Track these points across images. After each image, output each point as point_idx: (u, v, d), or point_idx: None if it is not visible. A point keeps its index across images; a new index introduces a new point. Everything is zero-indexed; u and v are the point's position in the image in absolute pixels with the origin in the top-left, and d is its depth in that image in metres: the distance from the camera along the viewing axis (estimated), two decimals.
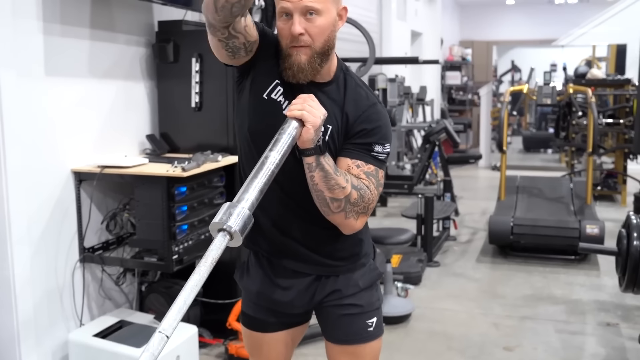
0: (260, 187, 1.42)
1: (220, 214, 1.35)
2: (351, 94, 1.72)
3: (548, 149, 11.96)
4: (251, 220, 1.37)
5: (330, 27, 1.63)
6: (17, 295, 2.76)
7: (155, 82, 3.58)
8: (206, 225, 3.24)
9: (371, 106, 1.71)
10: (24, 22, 2.73)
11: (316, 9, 1.58)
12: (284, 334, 1.91)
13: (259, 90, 1.69)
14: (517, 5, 14.73)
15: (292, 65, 1.63)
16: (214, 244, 1.32)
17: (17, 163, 2.72)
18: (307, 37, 1.60)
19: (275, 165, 1.47)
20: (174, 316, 1.23)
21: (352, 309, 1.83)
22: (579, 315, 4.11)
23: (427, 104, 9.43)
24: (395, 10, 8.70)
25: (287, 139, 1.50)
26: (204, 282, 1.28)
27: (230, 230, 1.32)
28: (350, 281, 1.84)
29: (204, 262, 1.28)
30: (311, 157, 1.58)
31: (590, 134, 5.85)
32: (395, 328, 3.88)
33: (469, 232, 6.34)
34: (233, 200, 1.38)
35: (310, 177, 1.61)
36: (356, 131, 1.69)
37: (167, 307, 3.28)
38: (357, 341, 1.84)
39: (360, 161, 1.68)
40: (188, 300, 1.25)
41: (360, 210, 1.67)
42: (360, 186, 1.66)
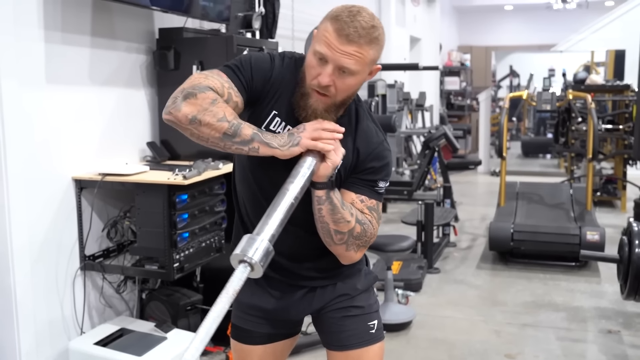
0: (280, 219, 1.43)
1: (241, 246, 1.36)
2: (362, 129, 1.71)
3: (547, 154, 11.96)
4: (271, 252, 1.38)
5: (358, 85, 1.62)
6: (17, 303, 2.76)
7: (156, 89, 3.58)
8: (207, 232, 3.23)
9: (380, 144, 1.72)
10: (25, 30, 2.73)
11: (351, 71, 1.56)
12: (274, 346, 1.91)
13: (257, 122, 1.64)
14: (516, 11, 14.76)
15: (308, 108, 1.61)
16: (235, 275, 1.33)
17: (18, 170, 2.71)
18: (333, 89, 1.58)
19: (295, 199, 1.48)
20: (197, 346, 1.24)
21: (353, 310, 1.84)
22: (580, 323, 4.11)
23: (426, 109, 9.45)
24: (394, 16, 8.71)
25: (307, 172, 1.51)
26: (225, 313, 1.29)
27: (251, 261, 1.34)
28: (348, 286, 1.85)
29: (226, 293, 1.30)
30: (322, 190, 1.59)
31: (590, 140, 5.85)
32: (397, 335, 3.87)
33: (469, 238, 6.33)
34: (253, 232, 1.40)
35: (318, 210, 1.62)
36: (365, 167, 1.69)
37: (167, 314, 3.30)
38: (361, 345, 1.83)
39: (364, 196, 1.70)
40: (210, 330, 1.26)
41: (361, 243, 1.70)
42: (364, 221, 1.67)
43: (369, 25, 1.54)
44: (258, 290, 1.83)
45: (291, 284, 1.82)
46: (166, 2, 3.33)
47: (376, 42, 1.57)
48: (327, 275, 1.82)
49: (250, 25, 3.94)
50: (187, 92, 1.53)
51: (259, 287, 1.82)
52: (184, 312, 3.32)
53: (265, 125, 1.65)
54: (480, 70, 14.35)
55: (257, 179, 1.73)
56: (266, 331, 1.88)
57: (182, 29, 3.49)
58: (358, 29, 1.52)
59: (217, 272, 3.57)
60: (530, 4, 13.37)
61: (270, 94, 1.65)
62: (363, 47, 1.54)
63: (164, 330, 3.07)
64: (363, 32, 1.53)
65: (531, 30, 14.82)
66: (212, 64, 3.38)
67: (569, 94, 6.64)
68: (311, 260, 1.80)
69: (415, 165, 7.74)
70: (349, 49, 1.53)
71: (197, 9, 3.54)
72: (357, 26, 1.52)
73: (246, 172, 1.75)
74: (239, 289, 1.32)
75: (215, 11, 3.67)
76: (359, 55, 1.54)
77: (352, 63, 1.54)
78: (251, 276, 1.36)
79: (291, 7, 5.30)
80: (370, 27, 1.54)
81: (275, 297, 1.83)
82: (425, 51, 10.72)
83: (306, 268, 1.80)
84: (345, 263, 1.77)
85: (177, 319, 3.28)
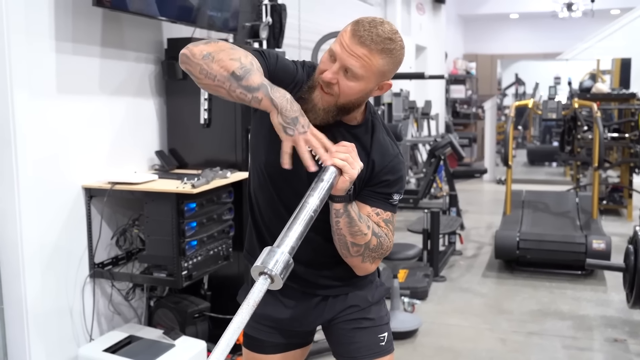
0: (300, 232, 1.44)
1: (262, 258, 1.37)
2: (378, 141, 1.72)
3: (553, 162, 11.96)
4: (291, 264, 1.40)
5: (361, 93, 1.61)
6: (28, 310, 2.79)
7: (165, 98, 3.62)
8: (215, 240, 3.26)
9: (395, 157, 1.73)
10: (37, 41, 2.77)
11: (355, 74, 1.55)
12: (286, 355, 1.91)
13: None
14: (521, 19, 14.79)
15: (309, 102, 1.61)
16: (256, 287, 1.35)
17: (29, 179, 2.75)
18: (336, 88, 1.57)
19: (315, 212, 1.48)
20: (218, 357, 1.25)
21: (363, 322, 1.84)
22: (586, 331, 4.11)
23: (432, 118, 9.47)
24: (400, 25, 8.75)
25: (327, 186, 1.52)
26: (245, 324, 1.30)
27: (271, 273, 1.36)
28: (359, 297, 1.85)
29: (246, 305, 1.31)
30: (340, 204, 1.60)
31: (595, 148, 5.86)
32: (403, 343, 3.88)
33: (475, 246, 6.34)
34: (274, 244, 1.41)
35: (336, 222, 1.63)
36: (380, 180, 1.70)
37: (175, 322, 3.32)
38: (370, 357, 1.83)
39: (380, 209, 1.70)
40: (231, 342, 1.27)
41: (377, 255, 1.71)
42: (380, 234, 1.68)
43: (386, 36, 1.55)
44: (271, 300, 1.83)
45: (305, 292, 1.83)
46: (174, 12, 3.37)
47: (388, 54, 1.56)
48: (342, 283, 1.83)
49: (258, 35, 3.98)
50: (211, 40, 1.56)
51: (272, 297, 1.82)
52: (192, 319, 3.34)
53: None
54: (485, 79, 14.38)
55: (275, 186, 1.73)
56: (278, 341, 1.89)
57: (190, 39, 3.53)
58: (373, 35, 1.53)
59: (224, 280, 3.60)
60: (536, 13, 13.40)
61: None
62: (373, 53, 1.54)
63: (172, 338, 3.10)
64: (378, 39, 1.54)
65: (537, 39, 14.84)
66: None
67: (574, 102, 6.66)
68: (327, 267, 1.81)
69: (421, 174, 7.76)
70: (359, 51, 1.53)
71: (204, 19, 3.58)
72: (373, 32, 1.54)
73: (264, 179, 1.75)
74: (259, 300, 1.33)
75: (223, 21, 3.71)
76: (366, 59, 1.54)
77: (358, 66, 1.54)
78: (271, 288, 1.37)
79: (298, 16, 5.35)
80: (386, 37, 1.55)
81: (288, 307, 1.84)
82: (430, 59, 10.76)
83: (322, 276, 1.81)
84: (360, 274, 1.78)
85: (185, 327, 3.30)
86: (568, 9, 12.03)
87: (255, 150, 1.77)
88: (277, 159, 1.61)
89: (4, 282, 2.78)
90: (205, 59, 1.49)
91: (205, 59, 1.49)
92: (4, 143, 2.69)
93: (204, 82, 1.52)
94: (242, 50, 1.54)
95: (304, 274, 1.79)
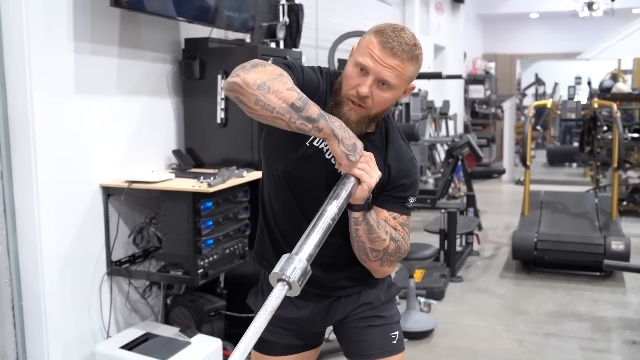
0: (318, 240, 1.46)
1: (280, 265, 1.39)
2: (393, 146, 1.74)
3: (573, 162, 11.86)
4: (309, 271, 1.41)
5: (393, 101, 1.64)
6: (46, 308, 2.83)
7: (182, 98, 3.65)
8: (231, 239, 3.28)
9: (410, 160, 1.75)
10: (55, 42, 2.80)
11: (391, 84, 1.57)
12: (295, 357, 1.92)
13: (302, 135, 1.58)
14: (541, 19, 14.67)
15: (341, 117, 1.59)
16: (274, 293, 1.37)
17: (47, 178, 2.79)
18: (369, 101, 1.59)
19: (333, 220, 1.50)
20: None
21: (375, 320, 1.85)
22: (604, 333, 4.08)
23: (450, 118, 9.43)
24: (418, 25, 8.73)
25: (345, 194, 1.53)
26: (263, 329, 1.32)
27: (289, 280, 1.37)
28: (371, 295, 1.86)
29: (264, 311, 1.33)
30: (359, 212, 1.62)
31: (615, 149, 5.81)
32: (419, 343, 3.88)
33: (493, 247, 6.31)
34: (292, 251, 1.43)
35: (355, 230, 1.65)
36: (396, 185, 1.72)
37: (191, 320, 3.35)
38: (382, 355, 1.83)
39: (396, 213, 1.73)
40: (249, 346, 1.29)
41: (394, 259, 1.73)
42: (397, 238, 1.71)
43: (412, 42, 1.58)
44: (284, 302, 1.84)
45: (319, 294, 1.83)
46: (192, 12, 3.40)
47: (416, 60, 1.60)
48: (356, 283, 1.84)
49: (275, 35, 3.99)
50: (256, 62, 1.51)
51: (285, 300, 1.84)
52: (208, 317, 3.37)
53: (310, 140, 1.67)
54: (505, 79, 14.28)
55: (293, 193, 1.73)
56: (289, 342, 1.89)
57: (208, 39, 3.55)
58: (402, 44, 1.55)
59: (240, 279, 3.62)
60: (556, 12, 13.28)
61: None
62: (405, 63, 1.56)
63: (188, 335, 3.12)
64: (407, 47, 1.56)
65: (557, 38, 14.72)
66: None
67: (594, 102, 6.60)
68: (344, 269, 1.81)
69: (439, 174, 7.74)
70: (392, 62, 1.55)
71: (222, 19, 3.60)
72: (402, 41, 1.56)
73: (282, 186, 1.75)
74: (277, 306, 1.35)
75: (240, 21, 3.73)
76: (400, 69, 1.56)
77: (393, 77, 1.56)
78: (289, 295, 1.39)
79: (315, 16, 5.36)
80: (412, 44, 1.57)
81: (300, 308, 1.84)
82: (449, 59, 10.72)
83: (338, 278, 1.82)
84: (379, 277, 1.81)
85: (201, 325, 3.33)
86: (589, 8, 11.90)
87: (271, 157, 1.77)
88: (296, 166, 1.66)
89: (23, 279, 2.82)
90: (260, 89, 1.44)
91: (260, 90, 1.44)
92: (23, 142, 2.72)
93: (259, 113, 1.46)
94: (289, 78, 1.52)
95: (320, 275, 1.77)
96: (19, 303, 2.83)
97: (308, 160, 1.68)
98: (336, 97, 1.64)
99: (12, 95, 2.71)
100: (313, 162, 1.68)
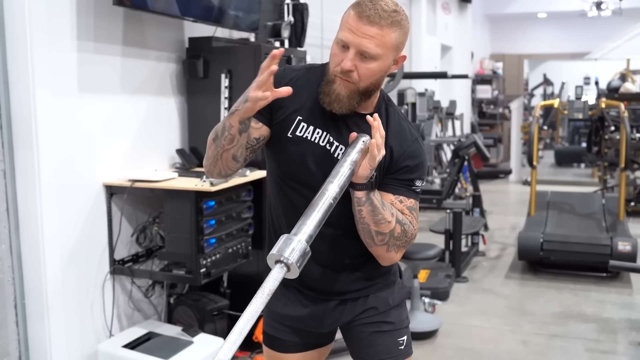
0: (319, 219, 1.41)
1: (278, 246, 1.34)
2: (394, 127, 1.70)
3: (581, 163, 11.80)
4: (308, 252, 1.36)
5: (381, 72, 1.60)
6: (49, 306, 2.83)
7: (185, 97, 3.65)
8: (234, 238, 3.27)
9: (414, 141, 1.71)
10: (59, 41, 2.81)
11: (372, 55, 1.55)
12: (306, 354, 1.90)
13: (283, 129, 1.67)
14: (549, 19, 14.60)
15: (331, 93, 1.60)
16: (271, 276, 1.31)
17: (50, 177, 2.79)
18: (355, 75, 1.57)
19: (334, 199, 1.47)
20: (230, 346, 1.21)
21: (383, 326, 1.82)
22: (610, 334, 4.05)
23: (456, 118, 9.40)
24: (425, 25, 8.71)
25: (347, 172, 1.49)
26: (259, 313, 1.28)
27: (288, 262, 1.32)
28: (380, 300, 1.83)
29: (261, 294, 1.28)
30: (362, 192, 1.58)
31: (623, 149, 5.77)
32: (423, 344, 3.86)
33: (498, 247, 6.28)
34: (291, 232, 1.38)
35: (358, 211, 1.61)
36: (400, 167, 1.68)
37: (194, 319, 3.34)
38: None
39: (403, 196, 1.68)
40: (244, 330, 1.25)
41: (401, 244, 1.68)
42: (404, 221, 1.66)
43: (391, 9, 1.55)
44: (291, 301, 1.83)
45: (326, 297, 1.81)
46: (196, 12, 3.40)
47: (398, 26, 1.56)
48: (364, 286, 1.81)
49: (279, 34, 3.98)
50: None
51: (292, 298, 1.83)
52: (211, 317, 3.36)
53: (291, 131, 1.67)
54: (512, 79, 14.24)
55: (291, 187, 1.72)
56: (299, 340, 1.88)
57: (212, 38, 3.55)
58: (379, 11, 1.53)
59: (243, 278, 3.61)
60: (564, 12, 13.22)
61: (290, 101, 1.65)
62: (384, 29, 1.54)
63: (190, 335, 3.12)
64: (384, 14, 1.53)
65: (565, 38, 14.65)
66: (240, 73, 3.44)
67: (601, 102, 6.56)
68: (353, 270, 1.78)
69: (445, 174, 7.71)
70: (370, 30, 1.53)
71: (226, 18, 3.59)
72: (378, 8, 1.53)
73: (280, 179, 1.75)
74: (275, 289, 1.30)
75: (245, 21, 3.72)
76: (379, 37, 1.54)
77: (373, 46, 1.54)
78: (287, 277, 1.34)
79: (320, 15, 5.35)
80: (392, 10, 1.55)
81: (307, 308, 1.82)
82: (456, 59, 10.68)
83: (346, 281, 1.78)
84: (385, 264, 1.75)
85: (204, 324, 3.32)
86: (597, 8, 11.84)
87: (270, 156, 1.77)
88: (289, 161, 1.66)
89: (26, 277, 2.83)
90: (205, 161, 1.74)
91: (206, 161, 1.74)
92: (25, 141, 2.73)
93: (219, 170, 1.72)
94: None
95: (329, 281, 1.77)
96: (21, 301, 2.83)
97: (297, 154, 1.68)
98: (327, 77, 1.63)
99: (15, 94, 2.71)
100: (301, 156, 1.67)
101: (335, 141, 1.67)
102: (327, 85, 1.62)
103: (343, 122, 1.66)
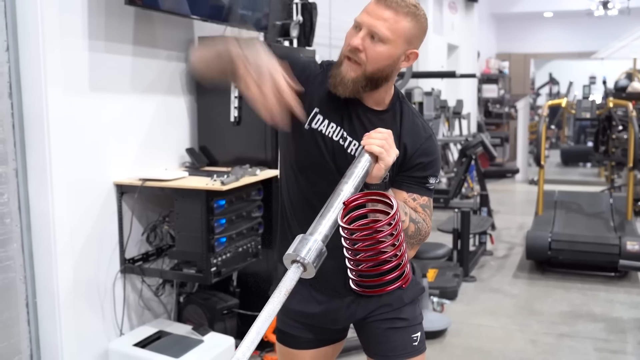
0: (334, 220, 1.41)
1: (294, 246, 1.34)
2: (408, 124, 1.70)
3: (587, 162, 11.77)
4: (324, 252, 1.36)
5: (389, 59, 1.59)
6: (60, 305, 2.84)
7: (195, 96, 3.65)
8: (244, 237, 3.28)
9: (428, 138, 1.70)
10: (70, 40, 2.81)
11: (382, 37, 1.55)
12: (319, 351, 1.91)
13: (299, 121, 1.63)
14: (555, 18, 14.57)
15: (337, 75, 1.61)
16: (288, 275, 1.31)
17: (62, 176, 2.80)
18: (363, 55, 1.57)
19: None
20: (248, 345, 1.21)
21: (397, 322, 1.82)
22: (619, 334, 4.04)
23: (463, 117, 9.39)
24: (432, 24, 8.70)
25: (361, 173, 1.49)
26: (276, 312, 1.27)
27: (304, 262, 1.32)
28: (393, 296, 1.82)
29: (278, 293, 1.27)
30: None
31: (630, 149, 5.76)
32: (431, 343, 3.86)
33: (506, 247, 6.27)
34: (307, 232, 1.38)
35: None
36: (414, 164, 1.67)
37: (204, 318, 3.35)
38: (403, 356, 1.81)
39: (416, 194, 1.68)
40: (262, 330, 1.24)
41: (415, 242, 1.68)
42: (417, 220, 1.65)
43: (412, 2, 1.57)
44: (305, 298, 1.83)
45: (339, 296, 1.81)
46: (206, 11, 3.40)
47: (414, 17, 1.57)
48: None
49: (288, 34, 3.99)
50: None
51: (306, 295, 1.82)
52: (221, 315, 3.37)
53: (308, 123, 1.67)
54: (518, 78, 14.22)
55: (307, 179, 1.72)
56: (312, 337, 1.88)
57: (222, 37, 3.54)
58: (399, 0, 1.55)
59: (253, 277, 3.62)
60: (571, 11, 13.20)
61: (310, 93, 1.65)
62: (399, 15, 1.55)
63: (200, 334, 3.12)
64: (403, 3, 1.55)
65: (571, 38, 14.62)
66: None
67: (609, 101, 6.55)
68: None
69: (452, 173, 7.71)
70: (385, 13, 1.54)
71: (235, 17, 3.60)
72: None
73: (294, 173, 1.74)
74: (291, 289, 1.30)
75: (254, 20, 3.73)
76: (392, 21, 1.54)
77: (385, 28, 1.54)
78: (304, 276, 1.34)
79: (329, 15, 5.35)
80: (412, 4, 1.57)
81: (322, 305, 1.82)
82: (463, 59, 10.67)
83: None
84: None
85: (214, 323, 3.33)
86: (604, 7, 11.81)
87: (285, 144, 1.77)
88: (306, 153, 1.64)
89: (37, 276, 2.84)
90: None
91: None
92: (37, 140, 2.74)
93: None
94: None
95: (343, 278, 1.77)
96: (33, 300, 2.84)
97: (312, 146, 1.68)
98: (338, 61, 1.64)
99: (27, 94, 2.72)
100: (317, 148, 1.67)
101: (349, 137, 1.67)
102: (335, 67, 1.63)
103: (357, 118, 1.67)
